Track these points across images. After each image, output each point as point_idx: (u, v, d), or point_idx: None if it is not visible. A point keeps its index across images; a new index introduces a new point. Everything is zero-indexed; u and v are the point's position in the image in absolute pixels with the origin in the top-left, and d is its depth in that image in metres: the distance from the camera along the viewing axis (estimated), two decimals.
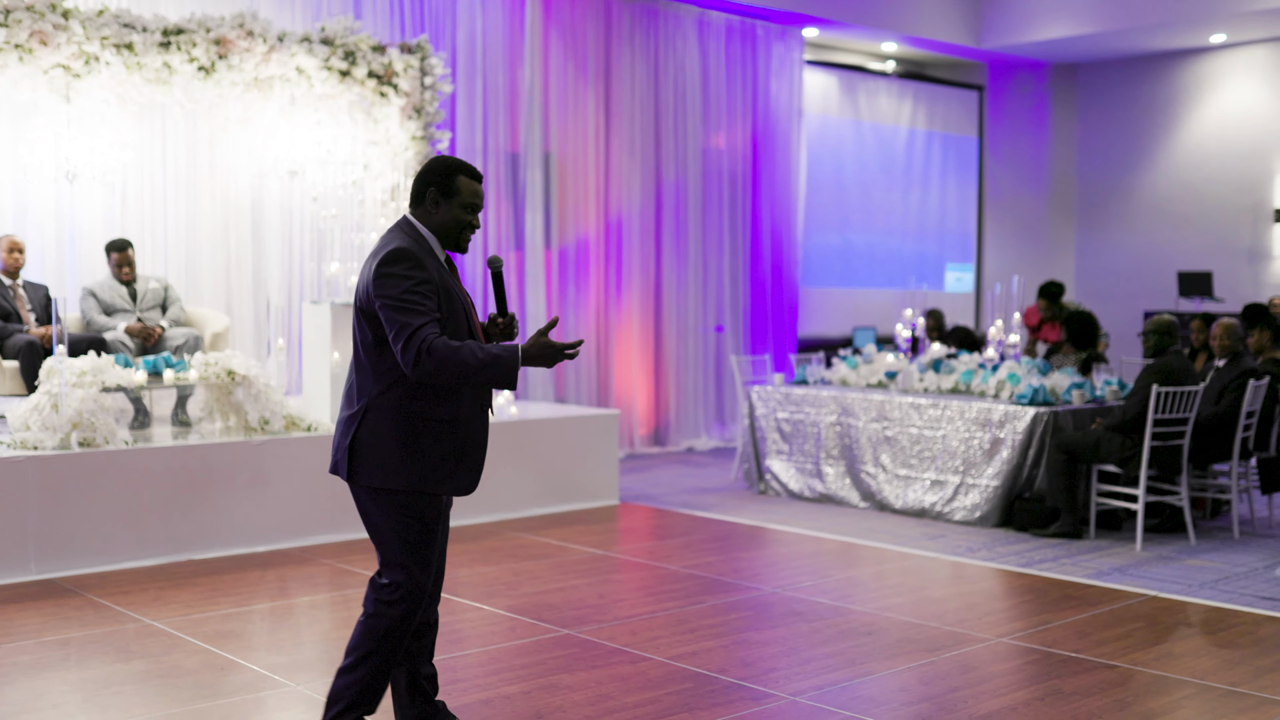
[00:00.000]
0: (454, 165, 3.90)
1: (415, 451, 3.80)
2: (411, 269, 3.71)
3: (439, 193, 3.88)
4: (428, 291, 3.71)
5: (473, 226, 3.93)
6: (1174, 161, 15.60)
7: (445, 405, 3.82)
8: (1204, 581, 7.00)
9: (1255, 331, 9.25)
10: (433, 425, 3.81)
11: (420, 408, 3.80)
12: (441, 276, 3.81)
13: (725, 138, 12.98)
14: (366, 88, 9.27)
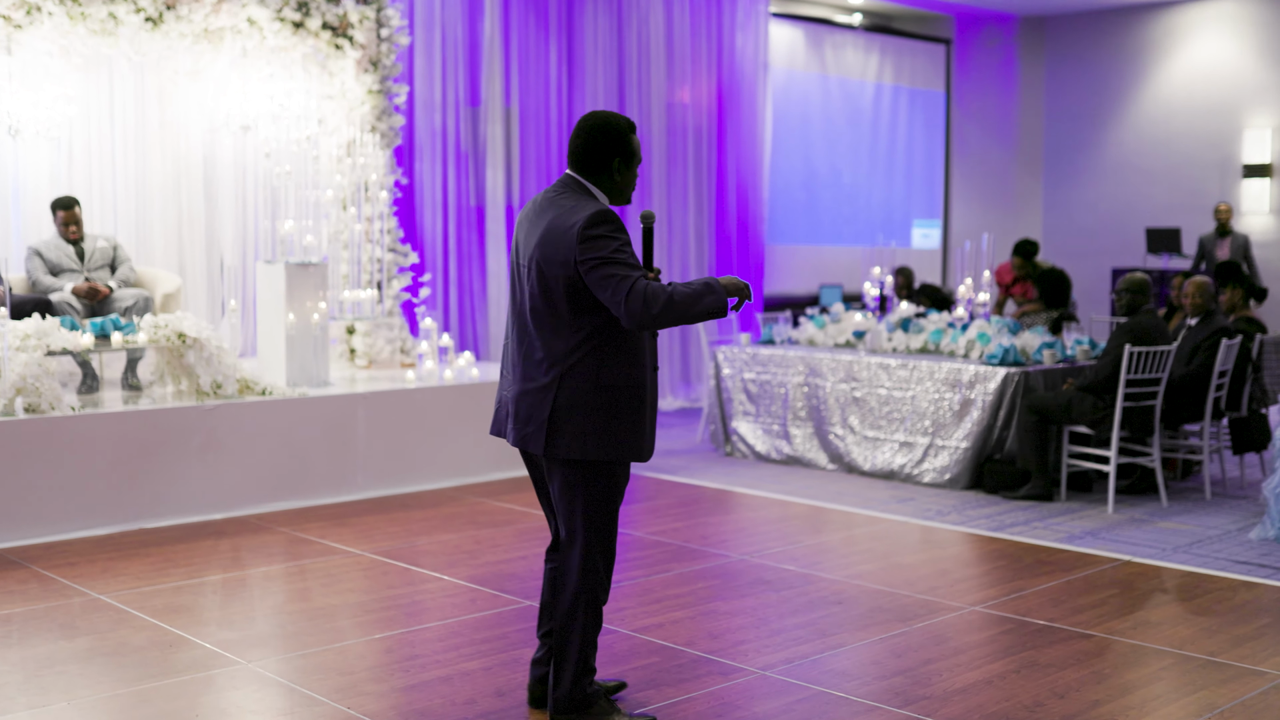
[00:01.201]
0: (625, 126, 3.93)
1: (613, 421, 3.85)
2: (615, 230, 3.79)
3: (623, 160, 3.94)
4: (629, 249, 3.80)
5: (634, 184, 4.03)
6: (1142, 116, 15.47)
7: (634, 370, 3.87)
8: (1177, 545, 6.90)
9: (1227, 289, 9.14)
10: (624, 392, 3.86)
11: (613, 375, 3.85)
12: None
13: (690, 92, 12.74)
14: (321, 40, 8.99)
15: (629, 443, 3.88)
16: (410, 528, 7.12)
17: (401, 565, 6.30)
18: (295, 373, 8.04)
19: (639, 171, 3.97)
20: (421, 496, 7.95)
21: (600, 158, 3.91)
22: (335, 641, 5.08)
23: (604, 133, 3.90)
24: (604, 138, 3.90)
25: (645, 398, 3.91)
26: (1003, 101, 16.32)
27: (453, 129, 10.83)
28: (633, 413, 3.87)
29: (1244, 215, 14.62)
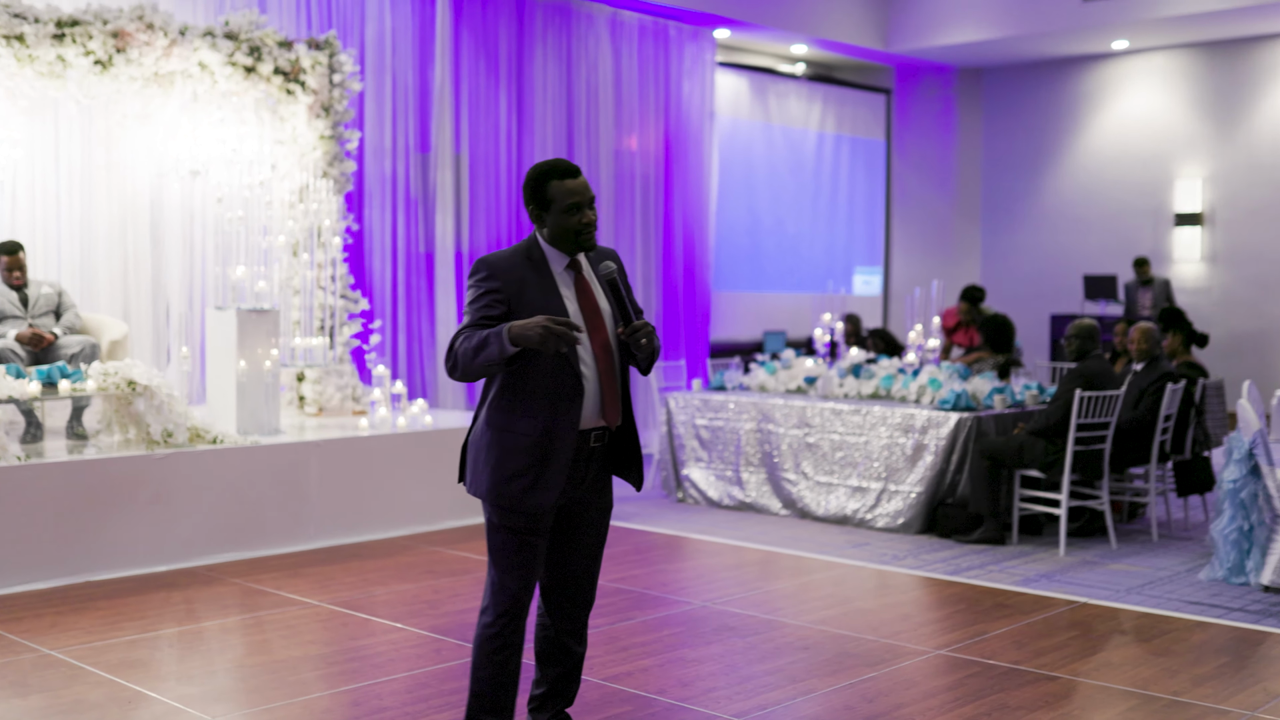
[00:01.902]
0: (541, 172, 3.83)
1: (500, 463, 3.81)
2: (482, 280, 3.78)
3: (538, 208, 3.85)
4: (493, 302, 3.75)
5: (587, 225, 3.83)
6: (1077, 166, 15.74)
7: (531, 419, 3.78)
8: (1130, 586, 6.96)
9: (1169, 335, 9.30)
10: (518, 439, 3.79)
11: (509, 420, 3.81)
12: (536, 290, 3.77)
13: (638, 139, 12.81)
14: (273, 85, 8.94)
15: (508, 488, 3.79)
16: (367, 577, 7.03)
17: (361, 616, 6.22)
18: (246, 420, 7.94)
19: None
20: (376, 545, 7.86)
21: (530, 208, 3.87)
22: (300, 695, 4.99)
23: (526, 184, 3.86)
24: (526, 189, 3.86)
25: (540, 449, 3.78)
26: (942, 150, 16.56)
27: (403, 175, 10.81)
28: (520, 459, 3.78)
29: (1176, 263, 14.89)
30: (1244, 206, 14.45)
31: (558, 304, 3.78)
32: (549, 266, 3.84)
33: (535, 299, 3.77)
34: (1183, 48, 14.84)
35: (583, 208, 3.81)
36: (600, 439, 3.91)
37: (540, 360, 3.74)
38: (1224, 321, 14.35)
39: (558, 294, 3.81)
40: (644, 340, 3.79)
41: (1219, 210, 14.64)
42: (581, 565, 4.05)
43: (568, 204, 3.79)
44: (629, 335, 3.78)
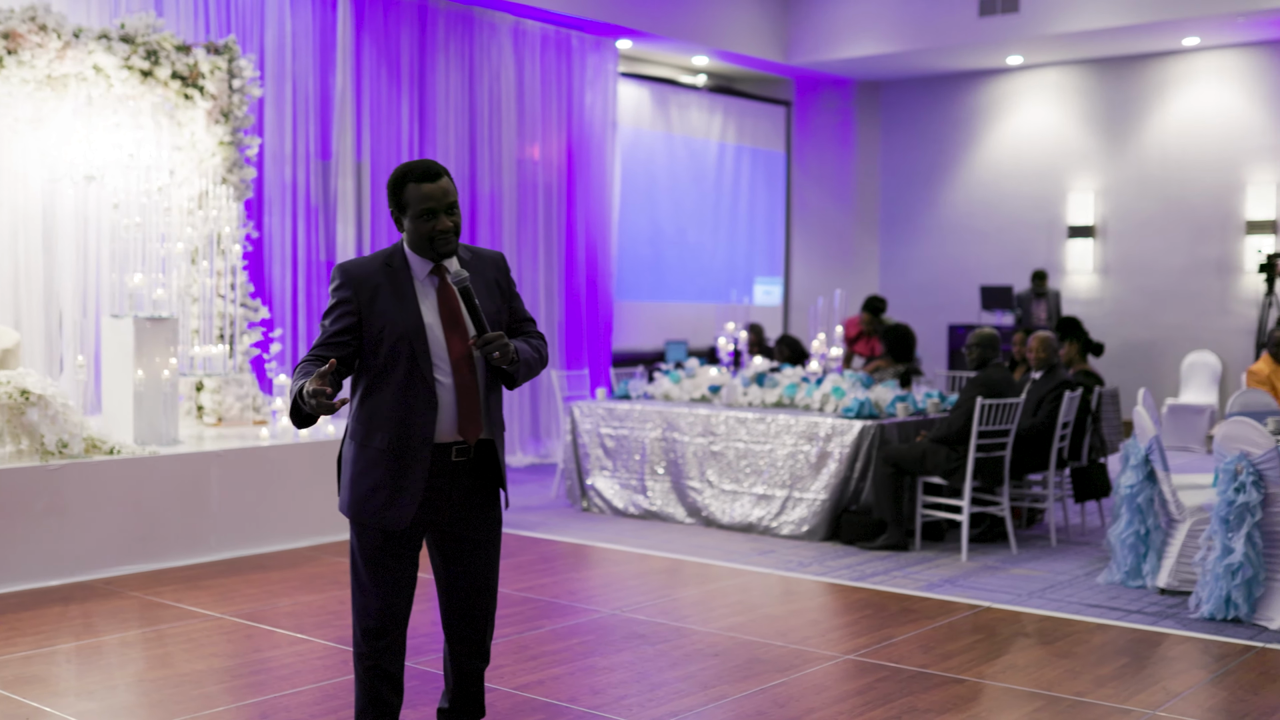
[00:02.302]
0: (400, 175, 3.68)
1: (356, 478, 3.71)
2: (336, 289, 3.69)
3: (397, 210, 3.70)
4: (341, 314, 3.66)
5: (442, 232, 3.65)
6: (973, 179, 16.02)
7: (383, 434, 3.66)
8: (1031, 591, 7.08)
9: (1066, 344, 9.49)
10: (372, 454, 3.68)
11: (365, 434, 3.70)
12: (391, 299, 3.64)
13: (541, 148, 12.78)
14: (170, 89, 8.77)
15: (366, 504, 3.68)
16: (269, 589, 6.92)
17: (265, 628, 6.11)
18: (144, 431, 7.78)
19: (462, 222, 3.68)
20: (278, 557, 7.74)
21: (391, 211, 3.75)
22: (205, 709, 4.89)
23: (388, 186, 3.74)
24: (388, 191, 3.74)
25: (395, 463, 3.64)
26: (841, 162, 16.75)
27: (303, 182, 10.67)
28: (375, 474, 3.66)
29: (1069, 274, 15.21)
30: (1134, 219, 14.81)
31: (411, 314, 3.65)
32: (410, 273, 3.70)
33: (388, 309, 3.65)
34: (1075, 64, 15.17)
35: (438, 214, 3.64)
36: (462, 454, 3.72)
37: (395, 372, 3.64)
38: (1115, 331, 14.68)
39: (414, 303, 3.66)
40: (495, 354, 3.60)
41: (1110, 223, 14.98)
42: (470, 588, 3.85)
43: (421, 209, 3.63)
44: (480, 347, 3.61)
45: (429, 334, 3.66)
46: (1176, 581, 6.88)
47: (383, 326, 3.64)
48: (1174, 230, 14.55)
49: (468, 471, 3.76)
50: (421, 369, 3.63)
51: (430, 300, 3.69)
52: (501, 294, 3.82)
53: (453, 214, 3.67)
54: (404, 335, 3.63)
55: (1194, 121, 14.41)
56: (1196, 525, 6.78)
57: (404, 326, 3.64)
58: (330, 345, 3.65)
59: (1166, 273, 14.61)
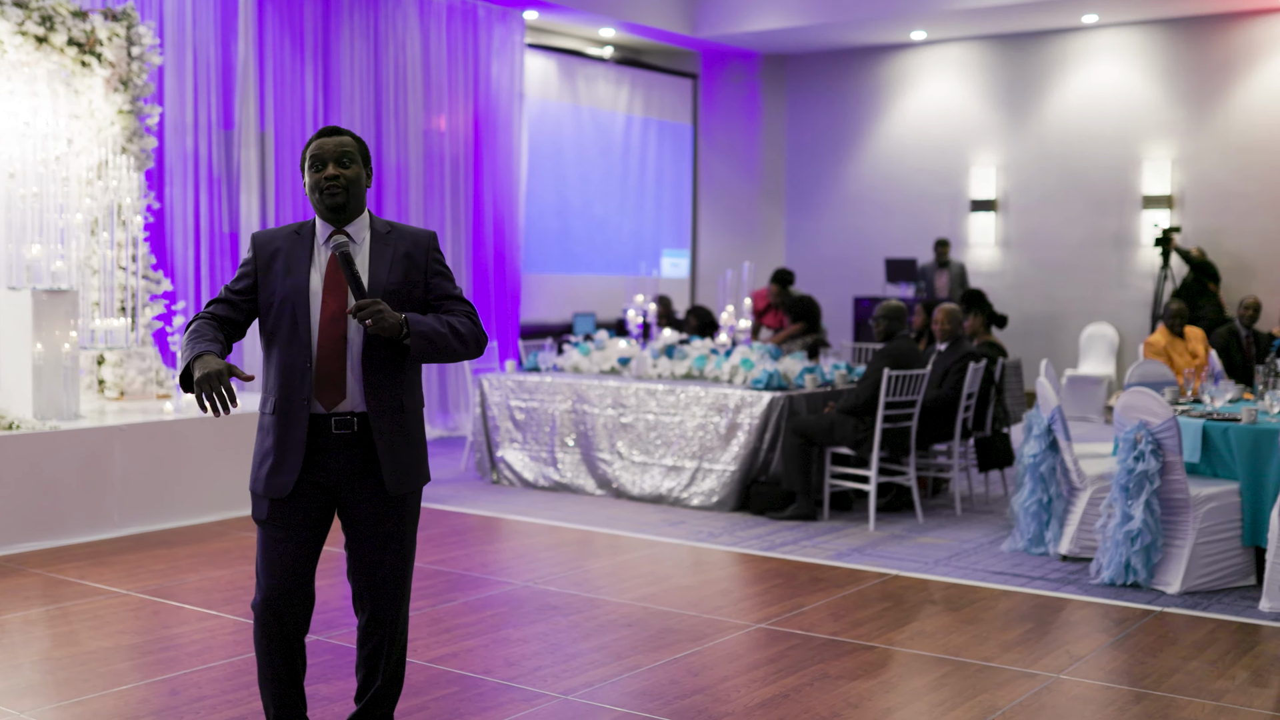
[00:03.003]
0: (309, 140, 3.69)
1: (256, 448, 3.72)
2: (246, 250, 3.77)
3: (302, 172, 3.70)
4: (243, 274, 3.70)
5: (328, 179, 3.59)
6: (878, 152, 16.17)
7: (270, 399, 3.66)
8: (937, 559, 7.21)
9: (970, 316, 9.64)
10: (264, 420, 3.67)
11: (261, 399, 3.70)
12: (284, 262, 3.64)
13: (447, 120, 12.68)
14: (67, 56, 8.55)
15: (257, 473, 3.67)
16: (176, 565, 6.82)
17: (173, 604, 6.03)
18: (44, 405, 7.62)
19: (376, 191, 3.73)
20: (185, 532, 7.63)
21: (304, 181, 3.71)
22: (114, 686, 4.82)
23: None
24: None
25: (278, 429, 3.61)
26: (747, 136, 16.82)
27: (205, 153, 10.48)
28: (265, 440, 3.66)
29: (972, 247, 15.44)
30: (1035, 193, 15.06)
31: (299, 277, 3.61)
32: (314, 240, 3.68)
33: (279, 272, 3.64)
34: (978, 39, 15.37)
35: (326, 163, 3.60)
36: (343, 426, 3.61)
37: (279, 336, 3.62)
38: (1017, 304, 14.94)
39: (305, 268, 3.63)
40: (368, 321, 3.47)
41: (1012, 197, 15.23)
42: (364, 565, 3.74)
43: (310, 159, 3.63)
44: (354, 314, 3.49)
45: (312, 298, 3.61)
46: (1078, 548, 7.04)
47: (274, 289, 3.63)
48: (1073, 204, 14.83)
49: (351, 449, 3.64)
50: (300, 333, 3.59)
51: (322, 264, 3.64)
52: (414, 267, 3.69)
53: (344, 164, 3.62)
54: (287, 298, 3.61)
55: (1093, 98, 14.68)
56: (1097, 493, 6.94)
57: (289, 288, 3.61)
58: (221, 301, 3.68)
59: (1066, 246, 14.89)
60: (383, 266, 3.64)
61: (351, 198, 3.63)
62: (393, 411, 3.65)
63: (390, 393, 3.65)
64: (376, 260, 3.65)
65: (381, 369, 3.62)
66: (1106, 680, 5.06)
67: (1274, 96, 13.66)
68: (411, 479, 3.73)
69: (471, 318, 3.73)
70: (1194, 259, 13.36)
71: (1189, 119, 14.12)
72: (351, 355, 3.60)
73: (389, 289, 3.63)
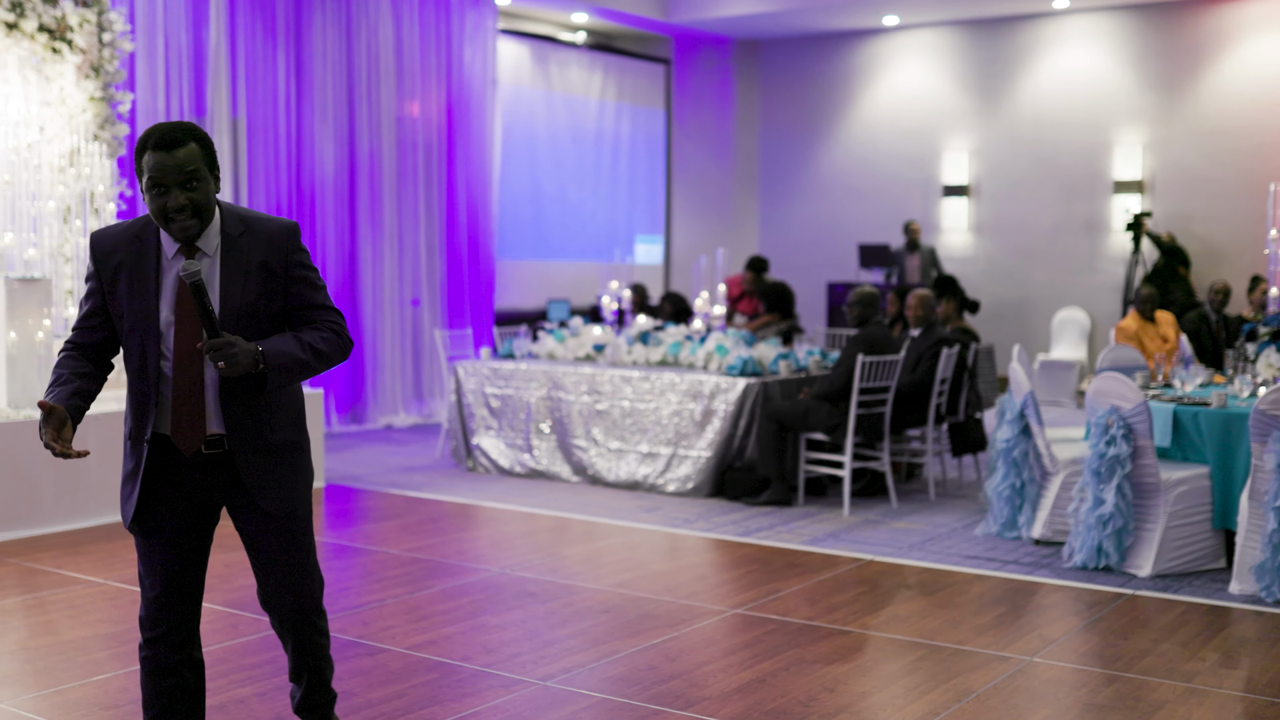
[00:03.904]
0: (142, 141, 3.22)
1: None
2: (89, 266, 3.37)
3: (140, 178, 3.24)
4: (91, 291, 3.35)
5: (176, 210, 3.19)
6: (850, 138, 16.21)
7: (127, 422, 3.38)
8: (911, 544, 7.26)
9: (943, 301, 9.69)
10: (125, 445, 3.40)
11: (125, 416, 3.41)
12: (129, 282, 3.27)
13: (420, 106, 12.65)
14: (37, 43, 8.50)
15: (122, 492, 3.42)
16: None
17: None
18: (18, 394, 7.58)
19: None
20: None
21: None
22: (93, 675, 4.82)
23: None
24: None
25: (133, 458, 3.35)
26: (720, 121, 16.84)
27: None
28: (126, 463, 3.40)
29: (945, 232, 15.51)
30: (1007, 179, 15.14)
31: (147, 302, 3.26)
32: (159, 252, 3.30)
33: (126, 294, 3.28)
34: (950, 24, 15.42)
35: (169, 189, 3.18)
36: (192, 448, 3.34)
37: (132, 362, 3.31)
38: (989, 289, 15.02)
39: (153, 291, 3.27)
40: (221, 364, 3.17)
41: (984, 182, 15.30)
42: (267, 573, 3.53)
43: (149, 179, 3.19)
44: (205, 352, 3.18)
45: (163, 329, 3.28)
46: (1050, 532, 7.10)
47: (121, 313, 3.30)
48: (1045, 189, 14.91)
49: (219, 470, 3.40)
50: (150, 367, 3.28)
51: (170, 289, 3.28)
52: (272, 277, 3.35)
53: (192, 188, 3.20)
54: (135, 325, 3.27)
55: (1064, 83, 14.75)
56: (1069, 478, 7.00)
57: (136, 316, 3.27)
58: (83, 330, 3.38)
59: (1038, 231, 14.97)
60: (236, 283, 3.30)
61: (204, 220, 3.26)
62: (256, 437, 3.39)
63: (252, 419, 3.38)
64: (229, 276, 3.30)
65: (239, 400, 3.35)
66: (1079, 663, 5.12)
67: (1244, 81, 13.76)
68: (290, 496, 3.47)
69: (336, 329, 3.44)
70: (1165, 244, 13.46)
71: (1160, 104, 14.21)
72: (209, 391, 3.32)
73: (243, 310, 3.31)
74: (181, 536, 3.42)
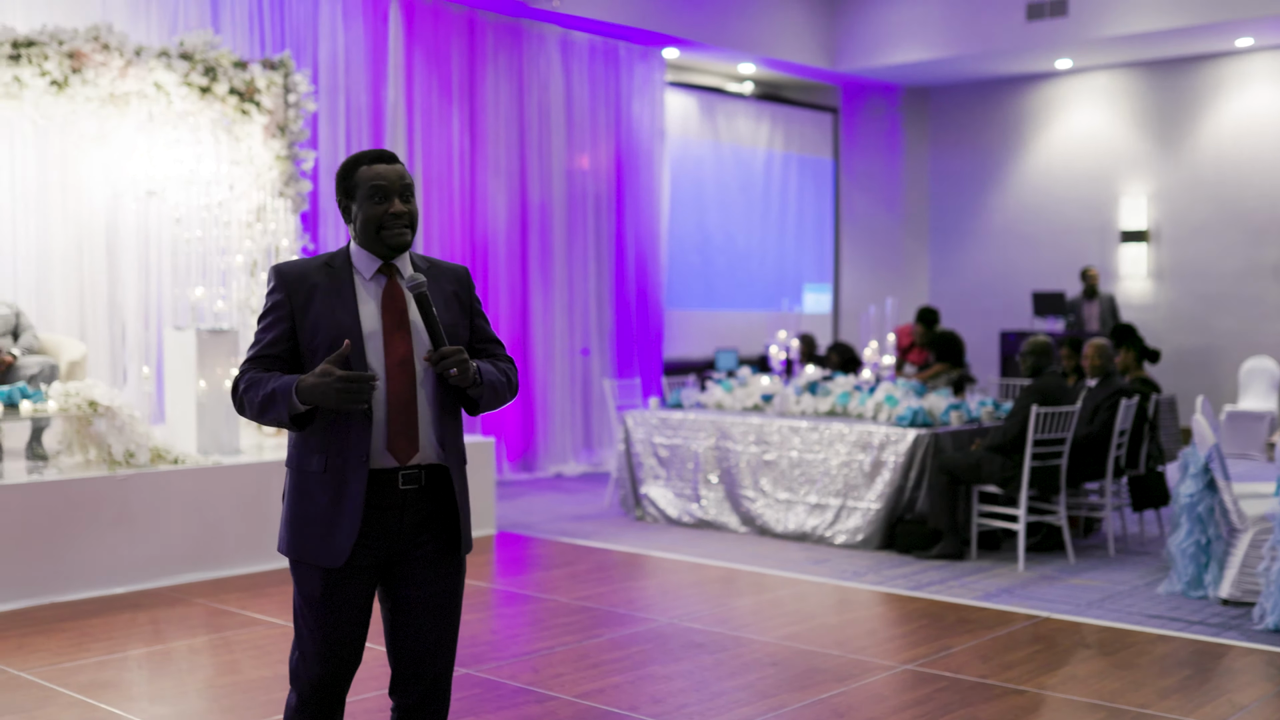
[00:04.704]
0: (351, 161, 3.29)
1: (296, 511, 3.23)
2: (270, 292, 3.27)
3: (345, 198, 3.28)
4: (275, 321, 3.24)
5: (394, 216, 3.23)
6: (1024, 183, 15.95)
7: (320, 455, 3.19)
8: (1090, 601, 7.06)
9: (1121, 351, 9.44)
10: (310, 479, 3.20)
11: (303, 458, 3.23)
12: (327, 301, 3.21)
13: (589, 159, 12.86)
14: (228, 105, 8.90)
15: (304, 541, 3.21)
16: None
17: None
18: (207, 440, 7.90)
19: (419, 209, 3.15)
20: None
21: (340, 201, 3.32)
22: (275, 714, 4.97)
23: (337, 175, 3.32)
24: (337, 180, 3.32)
25: (332, 489, 3.18)
26: (889, 169, 16.73)
27: None
28: (311, 503, 3.19)
29: (1122, 279, 15.12)
30: (1188, 223, 14.71)
31: (349, 315, 3.20)
32: (352, 273, 3.27)
33: (323, 311, 3.21)
34: (1126, 67, 15.09)
35: (390, 196, 3.23)
36: (411, 481, 3.22)
37: None
38: (1170, 337, 14.58)
39: (352, 305, 3.22)
40: (453, 371, 3.15)
41: (1164, 227, 14.89)
42: (419, 651, 3.30)
43: (371, 187, 3.22)
44: (435, 362, 3.16)
45: (367, 339, 3.21)
46: (1239, 592, 6.84)
47: (317, 331, 3.21)
48: (1229, 234, 14.44)
49: (418, 505, 3.25)
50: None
51: (373, 303, 3.24)
52: (461, 308, 3.37)
53: (408, 201, 3.26)
54: (339, 339, 3.18)
55: (1248, 123, 14.29)
56: (1259, 535, 6.74)
57: (340, 329, 3.20)
58: (265, 358, 3.25)
59: (1222, 277, 14.49)
60: (440, 307, 3.29)
61: (412, 233, 3.30)
62: (460, 462, 3.32)
63: (457, 442, 3.32)
64: (432, 296, 3.28)
65: (450, 417, 3.30)
66: None
67: None
68: (470, 534, 3.37)
69: (513, 365, 3.46)
70: None
71: None
72: (423, 404, 3.23)
73: (449, 330, 3.30)
74: (371, 578, 3.26)
